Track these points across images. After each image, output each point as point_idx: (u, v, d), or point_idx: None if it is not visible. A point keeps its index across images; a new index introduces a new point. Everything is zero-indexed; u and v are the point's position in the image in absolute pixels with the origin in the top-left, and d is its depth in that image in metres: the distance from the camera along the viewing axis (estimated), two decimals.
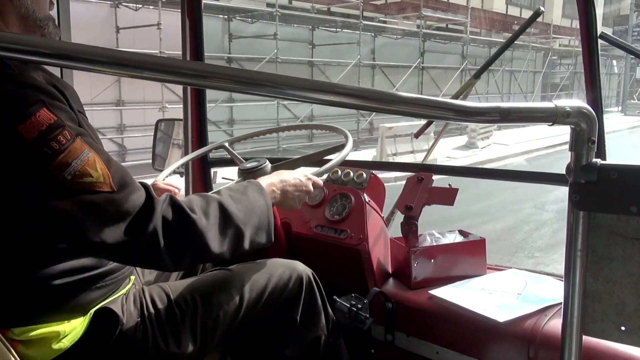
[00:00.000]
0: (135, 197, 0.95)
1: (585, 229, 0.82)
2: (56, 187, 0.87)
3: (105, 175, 0.91)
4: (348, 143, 1.49)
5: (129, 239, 0.92)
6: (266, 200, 1.16)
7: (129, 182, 0.95)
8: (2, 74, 0.88)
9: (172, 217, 0.98)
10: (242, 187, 1.15)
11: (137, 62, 0.65)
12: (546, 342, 1.15)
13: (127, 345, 1.06)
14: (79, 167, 0.88)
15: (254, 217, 1.10)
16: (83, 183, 0.89)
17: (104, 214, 0.90)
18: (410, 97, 0.72)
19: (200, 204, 1.04)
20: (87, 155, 0.90)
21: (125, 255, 0.95)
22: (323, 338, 1.34)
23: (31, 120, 0.86)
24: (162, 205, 0.97)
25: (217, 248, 1.03)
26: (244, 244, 1.08)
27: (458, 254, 1.48)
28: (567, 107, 0.76)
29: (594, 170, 0.79)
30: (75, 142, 0.89)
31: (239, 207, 1.08)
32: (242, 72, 0.69)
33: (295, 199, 1.28)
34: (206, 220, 1.01)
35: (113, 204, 0.91)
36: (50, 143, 0.86)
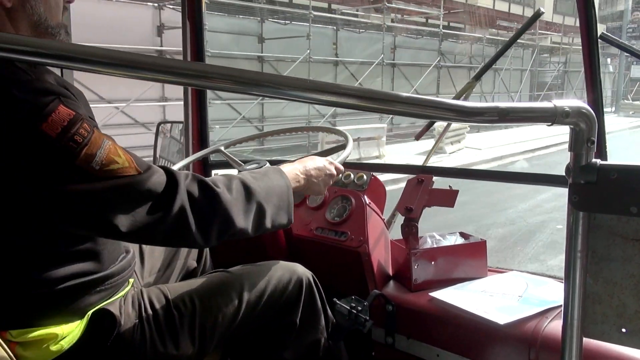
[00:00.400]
0: (159, 175, 0.97)
1: (585, 230, 0.81)
2: (87, 178, 0.89)
3: (128, 159, 0.94)
4: (349, 143, 1.50)
5: (159, 216, 0.94)
6: (286, 182, 1.16)
7: (148, 164, 0.98)
8: (19, 80, 0.90)
9: (197, 191, 0.99)
10: (263, 170, 1.18)
11: (137, 63, 0.65)
12: (547, 345, 1.15)
13: (125, 347, 1.06)
14: (104, 156, 0.91)
15: (275, 197, 1.12)
16: (111, 170, 0.91)
17: (135, 195, 0.93)
18: (409, 97, 0.72)
19: (222, 181, 1.05)
20: (107, 143, 0.93)
21: (156, 234, 0.97)
22: (323, 340, 1.33)
23: (52, 117, 0.88)
24: (185, 180, 0.99)
25: (242, 223, 1.04)
26: (266, 221, 1.09)
27: (459, 256, 1.48)
28: (567, 107, 0.75)
29: (593, 170, 0.79)
30: (95, 134, 0.92)
31: (260, 184, 1.10)
32: (242, 72, 0.69)
33: (320, 183, 1.29)
34: (230, 195, 1.03)
35: (141, 184, 0.94)
36: (74, 137, 0.88)
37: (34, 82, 0.91)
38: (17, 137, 0.87)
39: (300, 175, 1.24)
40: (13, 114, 0.87)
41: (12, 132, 0.87)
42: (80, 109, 0.94)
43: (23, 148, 0.88)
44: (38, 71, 0.94)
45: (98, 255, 1.04)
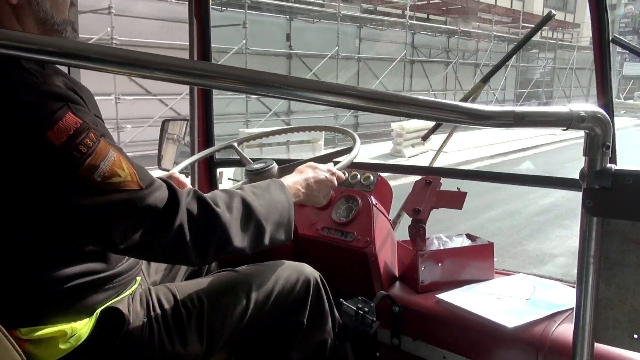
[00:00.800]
0: (160, 192, 0.96)
1: (599, 235, 0.81)
2: (88, 190, 0.88)
3: (131, 173, 0.93)
4: (356, 144, 1.49)
5: (157, 234, 0.94)
6: (288, 198, 1.16)
7: (152, 179, 0.97)
8: (27, 83, 0.89)
9: (196, 210, 0.98)
10: (264, 185, 1.16)
11: (143, 62, 0.64)
12: (555, 349, 1.14)
13: (133, 344, 1.06)
14: (107, 168, 0.90)
15: (275, 214, 1.11)
16: (113, 183, 0.90)
17: (134, 211, 0.92)
18: (419, 99, 0.72)
19: (223, 198, 1.04)
20: (112, 155, 0.91)
21: (153, 250, 0.96)
22: (329, 341, 1.33)
23: (59, 125, 0.87)
24: (186, 198, 0.98)
25: (239, 242, 1.03)
26: (265, 239, 1.09)
27: (466, 258, 1.47)
28: (582, 112, 0.75)
29: (608, 175, 0.78)
30: (100, 144, 0.90)
31: (261, 202, 1.09)
32: (248, 72, 0.68)
33: (320, 195, 1.29)
34: (229, 215, 1.02)
35: (141, 200, 0.92)
36: (79, 147, 0.87)
37: (42, 85, 0.90)
38: (21, 142, 0.87)
39: (301, 189, 1.24)
40: (19, 118, 0.86)
41: (17, 136, 0.87)
42: (88, 115, 0.93)
43: (27, 153, 0.87)
44: (46, 74, 0.93)
45: (105, 254, 1.04)
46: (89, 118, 0.92)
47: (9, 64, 0.89)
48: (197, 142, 2.01)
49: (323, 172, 1.29)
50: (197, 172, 2.01)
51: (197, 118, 2.01)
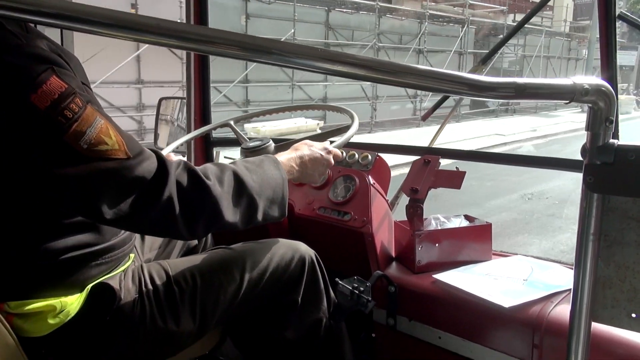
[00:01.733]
0: (149, 163, 0.93)
1: (599, 213, 0.79)
2: (73, 157, 0.86)
3: (119, 142, 0.90)
4: (354, 123, 1.46)
5: (145, 205, 0.91)
6: (282, 174, 1.13)
7: (141, 149, 0.94)
8: (10, 45, 0.86)
9: (186, 182, 0.95)
10: (258, 160, 1.13)
11: (138, 25, 0.62)
12: (552, 329, 1.13)
13: (125, 321, 1.05)
14: (94, 135, 0.87)
15: (268, 190, 1.08)
16: (99, 151, 0.87)
17: (121, 181, 0.89)
18: (421, 69, 0.70)
19: (214, 172, 1.01)
20: (99, 122, 0.88)
21: (140, 221, 0.93)
22: (324, 320, 1.32)
23: (42, 89, 0.83)
24: (176, 169, 0.95)
25: (231, 217, 1.00)
26: (257, 215, 1.06)
27: (463, 239, 1.46)
28: (586, 85, 0.73)
29: (610, 151, 0.76)
30: (87, 110, 0.87)
31: (254, 177, 1.06)
32: (248, 38, 0.66)
33: (315, 173, 1.26)
34: (220, 188, 0.99)
35: (129, 170, 0.89)
36: (64, 112, 0.84)
37: (25, 47, 0.86)
38: (4, 105, 0.84)
39: (295, 167, 1.21)
40: (2, 80, 0.83)
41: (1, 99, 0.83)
42: (74, 80, 0.90)
43: (9, 117, 0.84)
44: (29, 36, 0.90)
45: (98, 227, 1.02)
46: (74, 83, 0.89)
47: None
48: (194, 121, 1.99)
49: (319, 150, 1.27)
50: (193, 151, 1.99)
51: (194, 97, 1.99)
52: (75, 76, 0.92)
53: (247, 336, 1.35)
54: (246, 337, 1.35)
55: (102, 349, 1.05)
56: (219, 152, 2.07)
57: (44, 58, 0.87)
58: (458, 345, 1.29)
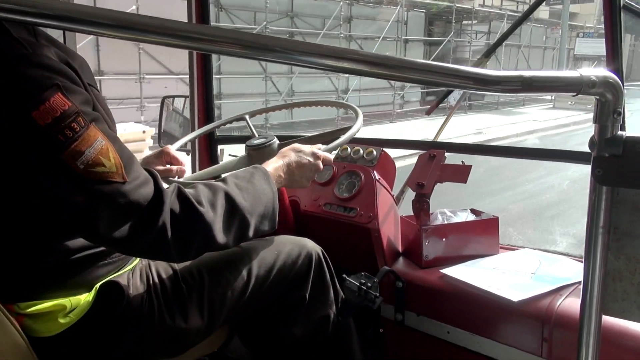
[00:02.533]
0: (145, 189, 0.92)
1: (608, 205, 0.78)
2: (68, 176, 0.85)
3: (117, 164, 0.88)
4: (358, 120, 1.45)
5: (138, 231, 0.90)
6: (272, 188, 1.13)
7: (139, 172, 0.93)
8: (15, 54, 0.84)
9: (179, 210, 0.95)
10: (248, 175, 1.13)
11: (141, 25, 0.62)
12: (561, 322, 1.13)
13: (134, 319, 1.05)
14: (92, 156, 0.85)
15: (260, 206, 1.08)
16: (96, 172, 0.86)
17: (115, 206, 0.88)
18: (424, 63, 0.69)
19: (207, 195, 1.01)
20: (100, 143, 0.87)
21: (132, 247, 0.93)
22: (332, 317, 1.32)
23: (45, 106, 0.82)
24: (170, 197, 0.95)
25: (222, 239, 1.01)
26: (249, 233, 1.07)
27: (470, 233, 1.45)
28: (593, 77, 0.72)
29: (619, 143, 0.75)
30: (89, 129, 0.86)
31: (245, 196, 1.06)
32: (250, 36, 0.65)
33: (303, 179, 1.25)
34: (213, 213, 0.99)
35: (124, 196, 0.88)
36: (64, 130, 0.83)
37: (32, 57, 0.85)
38: (6, 117, 0.83)
39: (282, 175, 1.21)
40: (6, 92, 0.82)
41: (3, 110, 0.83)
42: (80, 96, 0.88)
43: (9, 128, 0.83)
44: (38, 44, 0.88)
45: None
46: (80, 99, 0.88)
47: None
48: (197, 119, 1.99)
49: (306, 156, 1.25)
50: (197, 148, 1.99)
51: (197, 94, 1.98)
52: (83, 87, 0.91)
53: (254, 333, 1.35)
54: (254, 334, 1.35)
55: (112, 347, 1.05)
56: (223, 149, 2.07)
57: (51, 69, 0.85)
58: (467, 340, 1.29)
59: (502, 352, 1.23)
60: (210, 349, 1.27)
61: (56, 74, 0.86)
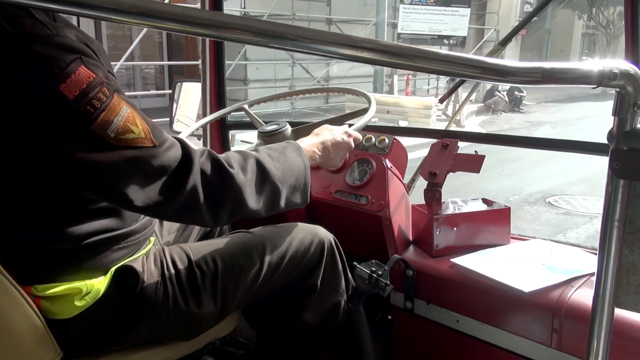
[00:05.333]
0: (174, 151, 0.94)
1: (625, 199, 0.78)
2: (101, 145, 0.87)
3: (145, 130, 0.91)
4: (372, 106, 1.45)
5: (170, 193, 0.93)
6: (304, 161, 1.14)
7: (166, 136, 0.95)
8: (39, 35, 0.86)
9: (210, 171, 0.97)
10: (280, 147, 1.14)
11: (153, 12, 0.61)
12: (572, 314, 1.13)
13: (148, 303, 1.07)
14: (121, 124, 0.88)
15: (291, 177, 1.09)
16: (126, 140, 0.89)
17: (148, 169, 0.91)
18: (443, 54, 0.69)
19: (238, 160, 1.02)
20: (126, 111, 0.90)
21: (165, 210, 0.95)
22: (343, 304, 1.33)
23: (72, 78, 0.85)
24: (200, 158, 0.97)
25: (254, 204, 1.02)
26: (280, 202, 1.07)
27: (481, 223, 1.45)
28: (614, 69, 0.71)
29: (638, 136, 0.75)
30: (114, 99, 0.89)
31: (276, 165, 1.07)
32: (262, 23, 0.65)
33: (337, 157, 1.27)
34: (244, 176, 1.00)
35: (155, 158, 0.91)
36: (92, 101, 0.86)
37: (55, 37, 0.87)
38: (33, 95, 0.85)
39: (317, 152, 1.22)
40: (32, 70, 0.85)
41: (30, 88, 0.85)
42: (101, 69, 0.91)
43: (39, 106, 0.86)
44: (58, 26, 0.90)
45: (120, 212, 1.04)
46: (102, 72, 0.90)
47: (20, 16, 0.87)
48: (209, 104, 1.99)
49: (340, 134, 1.27)
50: (209, 134, 1.99)
51: (209, 79, 1.98)
52: (102, 66, 0.93)
53: (267, 319, 1.36)
54: (266, 319, 1.37)
55: (127, 330, 1.07)
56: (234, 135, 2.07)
57: (73, 48, 0.88)
58: (476, 329, 1.30)
59: (511, 342, 1.23)
60: (222, 333, 1.29)
61: (77, 51, 0.88)
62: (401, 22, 12.57)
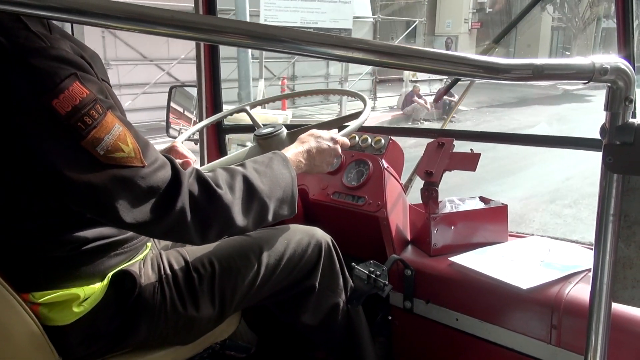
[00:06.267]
0: (164, 172, 0.94)
1: (619, 193, 0.78)
2: (90, 163, 0.87)
3: (135, 149, 0.91)
4: (366, 107, 1.45)
5: (158, 213, 0.92)
6: (291, 173, 1.14)
7: (156, 157, 0.95)
8: (32, 48, 0.86)
9: (198, 192, 0.97)
10: (267, 160, 1.13)
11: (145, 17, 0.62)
12: (570, 309, 1.13)
13: (146, 307, 1.07)
14: (111, 142, 0.88)
15: (278, 190, 1.09)
16: (115, 158, 0.89)
17: (135, 189, 0.90)
18: (433, 52, 0.69)
19: (225, 178, 1.03)
20: (118, 129, 0.90)
21: (153, 229, 0.95)
22: (342, 305, 1.33)
23: (65, 94, 0.85)
24: (188, 179, 0.97)
25: (242, 222, 1.02)
26: (268, 216, 1.08)
27: (479, 221, 1.45)
28: (605, 64, 0.71)
29: (630, 130, 0.75)
30: (106, 117, 0.89)
31: (263, 180, 1.07)
32: (255, 26, 0.65)
33: (323, 164, 1.26)
34: (231, 195, 1.01)
35: (143, 179, 0.91)
36: (83, 118, 0.86)
37: (50, 49, 0.87)
38: (26, 108, 0.85)
39: (303, 160, 1.21)
40: (25, 83, 0.85)
41: (22, 101, 0.85)
42: (95, 85, 0.91)
43: (30, 120, 0.86)
44: (53, 37, 0.90)
45: None
46: (96, 88, 0.90)
47: (14, 28, 0.87)
48: (205, 108, 1.99)
49: (325, 140, 1.25)
50: (205, 138, 1.99)
51: (205, 82, 1.98)
52: (97, 79, 0.93)
53: (265, 321, 1.36)
54: (265, 322, 1.37)
55: (125, 335, 1.07)
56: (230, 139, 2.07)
57: (68, 61, 0.88)
58: (475, 327, 1.30)
59: (511, 339, 1.23)
60: (222, 336, 1.28)
61: (72, 64, 0.88)
62: (264, 12, 9.78)
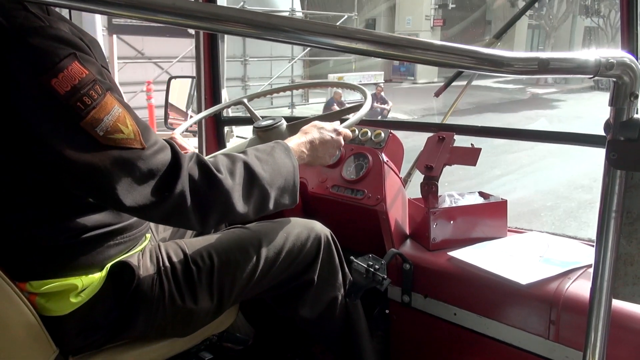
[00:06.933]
0: (163, 155, 0.94)
1: (622, 189, 0.78)
2: (89, 143, 0.86)
3: (135, 131, 0.90)
4: (367, 100, 1.44)
5: (157, 196, 0.92)
6: (292, 162, 1.13)
7: (156, 140, 0.94)
8: (31, 27, 0.85)
9: (198, 176, 0.96)
10: (269, 148, 1.13)
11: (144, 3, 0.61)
12: (569, 305, 1.13)
13: (144, 299, 1.06)
14: (111, 123, 0.87)
15: (280, 179, 1.08)
16: (115, 139, 0.88)
17: (135, 171, 0.89)
18: (438, 44, 0.68)
19: (226, 164, 1.02)
20: (117, 111, 0.89)
21: (152, 213, 0.94)
22: (340, 298, 1.33)
23: (64, 73, 0.84)
24: (188, 163, 0.96)
25: (242, 208, 1.01)
26: (269, 204, 1.07)
27: (478, 216, 1.45)
28: (611, 59, 0.70)
29: (635, 127, 0.74)
30: (106, 97, 0.88)
31: (265, 167, 1.06)
32: (257, 15, 0.64)
33: (326, 155, 1.25)
34: (232, 180, 1.00)
35: (143, 161, 0.90)
36: (83, 98, 0.85)
37: (48, 29, 0.86)
38: (25, 88, 0.84)
39: (305, 151, 1.21)
40: (24, 62, 0.84)
41: (21, 81, 0.84)
42: (95, 65, 0.90)
43: (29, 99, 0.85)
44: (52, 19, 0.89)
45: None
46: (95, 69, 0.89)
47: (13, 9, 0.86)
48: (204, 100, 1.98)
49: (328, 132, 1.25)
50: (204, 130, 1.98)
51: (204, 74, 1.97)
52: (96, 61, 0.92)
53: (264, 314, 1.36)
54: (263, 315, 1.36)
55: (123, 326, 1.06)
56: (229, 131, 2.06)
57: (67, 41, 0.87)
58: (474, 322, 1.29)
59: (509, 334, 1.23)
60: (219, 328, 1.28)
61: (71, 45, 0.87)
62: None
